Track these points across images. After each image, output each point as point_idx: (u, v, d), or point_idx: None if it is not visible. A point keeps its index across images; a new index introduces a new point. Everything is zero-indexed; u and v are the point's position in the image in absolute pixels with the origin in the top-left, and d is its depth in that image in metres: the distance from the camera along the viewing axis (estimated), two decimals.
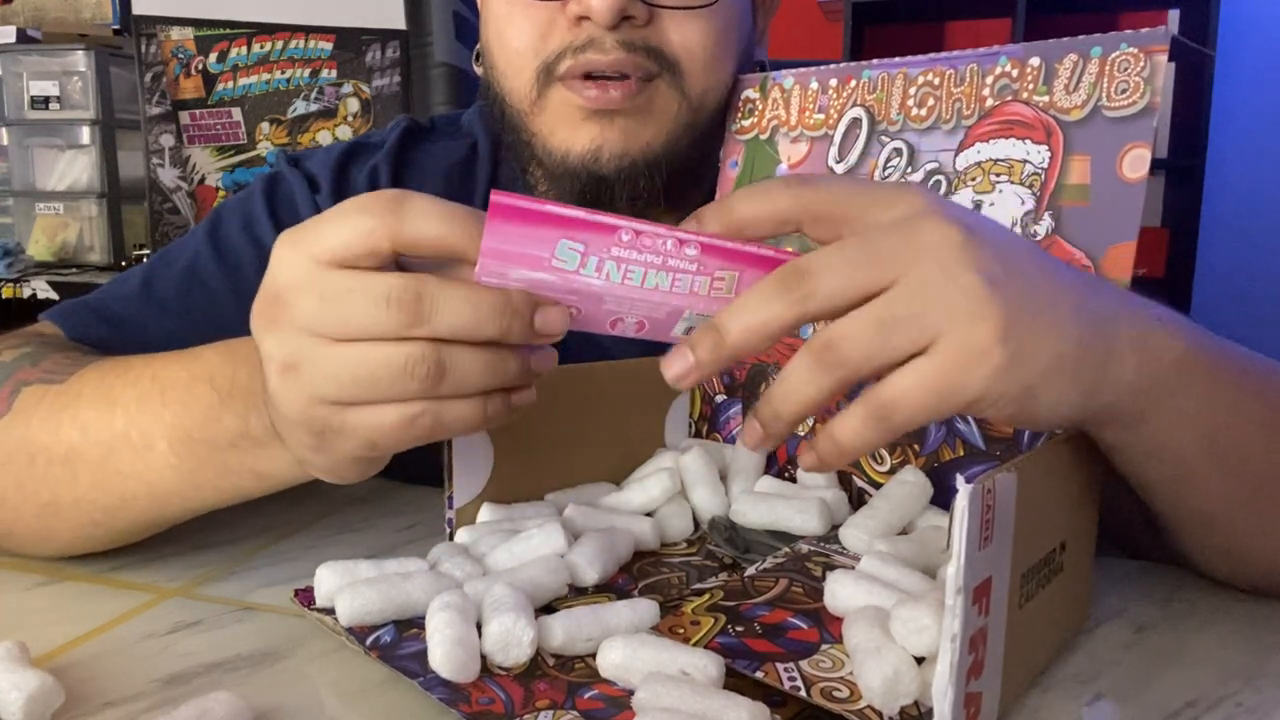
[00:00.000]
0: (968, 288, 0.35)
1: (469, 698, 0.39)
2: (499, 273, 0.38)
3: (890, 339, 0.35)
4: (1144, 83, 0.47)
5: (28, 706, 0.38)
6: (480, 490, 0.54)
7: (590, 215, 0.37)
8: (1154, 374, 0.40)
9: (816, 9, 2.68)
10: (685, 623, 0.43)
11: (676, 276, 0.38)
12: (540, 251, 0.37)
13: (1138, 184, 0.47)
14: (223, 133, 1.72)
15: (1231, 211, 2.49)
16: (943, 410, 0.36)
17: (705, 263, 0.38)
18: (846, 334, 0.35)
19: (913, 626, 0.38)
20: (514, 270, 0.38)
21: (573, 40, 0.62)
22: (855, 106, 0.59)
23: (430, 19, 1.66)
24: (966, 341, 0.35)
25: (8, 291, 1.89)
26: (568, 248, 0.37)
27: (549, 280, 0.38)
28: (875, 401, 0.36)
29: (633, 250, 0.37)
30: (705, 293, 0.39)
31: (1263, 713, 0.41)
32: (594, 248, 0.37)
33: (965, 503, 0.32)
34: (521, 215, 0.36)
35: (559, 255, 0.37)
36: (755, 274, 0.39)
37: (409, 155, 0.76)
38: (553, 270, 0.38)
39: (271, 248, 0.39)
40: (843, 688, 0.38)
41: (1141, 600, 0.51)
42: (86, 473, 0.50)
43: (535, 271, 0.38)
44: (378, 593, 0.44)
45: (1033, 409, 0.37)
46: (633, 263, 0.38)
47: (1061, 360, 0.37)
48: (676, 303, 0.39)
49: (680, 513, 0.56)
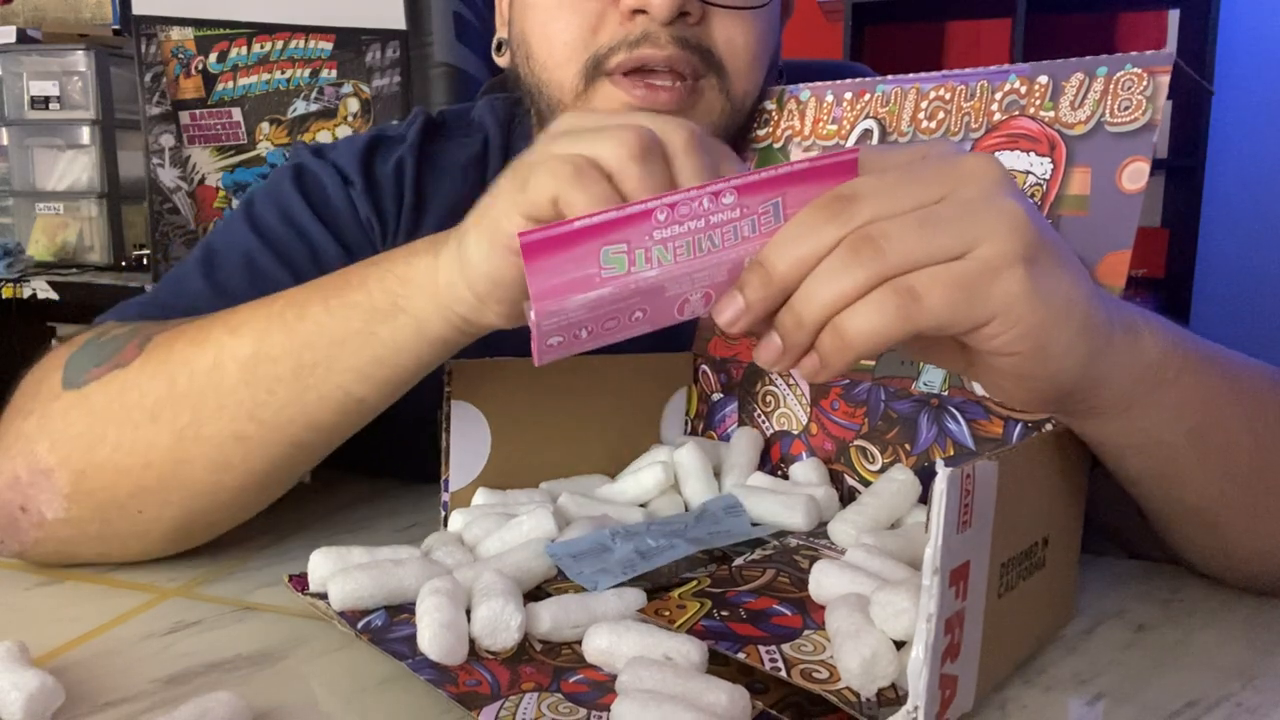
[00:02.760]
0: (1007, 209, 0.36)
1: (456, 679, 0.39)
2: (557, 310, 0.37)
3: (931, 237, 0.35)
4: (1146, 101, 0.49)
5: (28, 706, 0.38)
6: (475, 476, 0.55)
7: (619, 211, 0.36)
8: (1141, 366, 0.41)
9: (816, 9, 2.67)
10: (671, 606, 0.44)
11: (724, 231, 0.37)
12: (588, 270, 0.36)
13: (1136, 195, 0.48)
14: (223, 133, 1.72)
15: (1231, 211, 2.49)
16: (962, 315, 0.35)
17: (746, 204, 0.37)
18: (887, 229, 0.35)
19: (891, 610, 0.39)
20: (571, 300, 0.36)
21: (626, 35, 0.61)
22: (868, 118, 0.60)
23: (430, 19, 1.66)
24: (1001, 250, 0.35)
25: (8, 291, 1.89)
26: (611, 254, 0.36)
27: (608, 294, 0.37)
28: (902, 284, 0.35)
29: (673, 225, 0.36)
30: (754, 233, 0.37)
31: (1263, 713, 0.41)
32: (636, 241, 0.36)
33: (944, 485, 0.33)
34: (554, 244, 0.35)
35: (606, 264, 0.36)
36: (799, 190, 0.37)
37: (429, 150, 0.76)
38: (607, 282, 0.36)
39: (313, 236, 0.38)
40: (822, 669, 0.39)
41: (1141, 600, 0.51)
42: (235, 368, 0.51)
43: (591, 291, 0.36)
44: (370, 578, 0.45)
45: (1043, 351, 0.37)
46: (678, 238, 0.37)
47: (1073, 306, 0.37)
48: (733, 256, 0.37)
49: (673, 505, 0.57)
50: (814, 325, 0.36)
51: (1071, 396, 0.40)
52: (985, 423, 0.53)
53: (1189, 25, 2.39)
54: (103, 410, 0.52)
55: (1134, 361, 0.41)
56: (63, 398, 0.53)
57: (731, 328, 0.37)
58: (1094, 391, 0.40)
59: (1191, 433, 0.44)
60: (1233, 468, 0.46)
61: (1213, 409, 0.44)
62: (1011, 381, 0.39)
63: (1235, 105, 2.46)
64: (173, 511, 0.53)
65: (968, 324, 0.36)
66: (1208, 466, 0.45)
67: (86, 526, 0.53)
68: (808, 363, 0.37)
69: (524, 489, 0.56)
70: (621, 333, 0.39)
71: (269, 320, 0.51)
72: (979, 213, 0.36)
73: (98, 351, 0.54)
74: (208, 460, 0.51)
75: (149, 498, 0.52)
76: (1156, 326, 0.42)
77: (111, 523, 0.52)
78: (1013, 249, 0.35)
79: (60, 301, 1.89)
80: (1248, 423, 0.46)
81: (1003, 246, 0.35)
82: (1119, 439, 0.44)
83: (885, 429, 0.57)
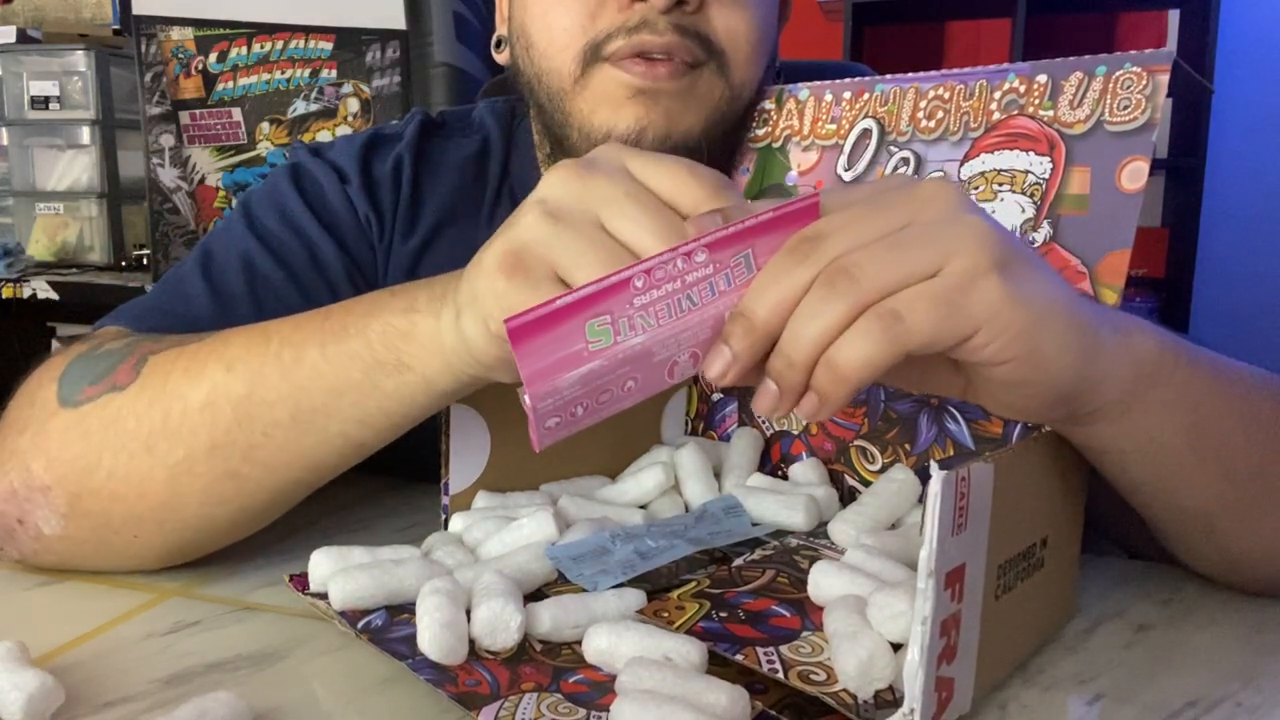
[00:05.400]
0: (973, 224, 0.37)
1: (456, 679, 0.39)
2: (551, 391, 0.37)
3: (902, 260, 0.36)
4: (1145, 100, 0.49)
5: (28, 706, 0.38)
6: (476, 479, 0.55)
7: (597, 284, 0.36)
8: (1136, 364, 0.41)
9: (816, 9, 2.67)
10: (670, 607, 0.44)
11: (699, 289, 0.37)
12: (575, 346, 0.36)
13: (1135, 194, 0.48)
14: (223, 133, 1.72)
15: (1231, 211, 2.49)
16: (947, 329, 0.35)
17: (717, 259, 0.37)
18: (859, 259, 0.36)
19: (888, 612, 0.39)
20: (563, 378, 0.37)
21: (625, 21, 0.62)
22: (867, 118, 0.60)
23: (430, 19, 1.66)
24: (972, 261, 0.36)
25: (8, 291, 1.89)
26: (596, 326, 0.36)
27: (598, 367, 0.37)
28: (884, 308, 0.35)
29: (651, 291, 0.37)
30: (730, 286, 0.38)
31: (1263, 713, 0.41)
32: (619, 310, 0.37)
33: (938, 488, 0.33)
34: (540, 325, 0.36)
35: (591, 337, 0.37)
36: (767, 239, 0.38)
37: (426, 148, 0.76)
38: (595, 355, 0.37)
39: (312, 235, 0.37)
40: (820, 671, 0.39)
41: (1141, 600, 0.51)
42: (229, 408, 0.50)
43: (582, 367, 0.37)
44: (370, 578, 0.45)
45: (1036, 354, 0.37)
46: (657, 302, 0.37)
47: (1056, 306, 0.37)
48: (713, 312, 0.38)
49: (673, 506, 0.57)
50: (805, 364, 0.36)
51: (1074, 400, 0.40)
52: (985, 423, 0.53)
53: (1189, 25, 2.39)
54: (98, 435, 0.51)
55: (1130, 358, 0.41)
56: (58, 416, 0.52)
57: (722, 380, 0.38)
58: (1095, 392, 0.40)
59: (1189, 431, 0.44)
60: (1230, 468, 0.46)
61: (1208, 406, 0.44)
62: (1011, 392, 0.39)
63: (1235, 105, 2.46)
64: (166, 538, 0.53)
65: (954, 337, 0.36)
66: (1206, 468, 0.45)
67: (83, 545, 0.53)
68: (806, 403, 0.37)
69: (524, 491, 0.56)
70: (616, 405, 0.39)
71: (264, 361, 0.50)
72: (944, 231, 0.36)
73: (93, 366, 0.54)
74: (201, 495, 0.51)
75: (143, 525, 0.52)
76: (1146, 326, 0.43)
77: (107, 543, 0.53)
78: (983, 259, 0.36)
79: (60, 301, 1.89)
80: (1242, 421, 0.46)
81: (973, 258, 0.36)
82: (1120, 443, 0.44)
83: (885, 429, 0.57)
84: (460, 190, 0.75)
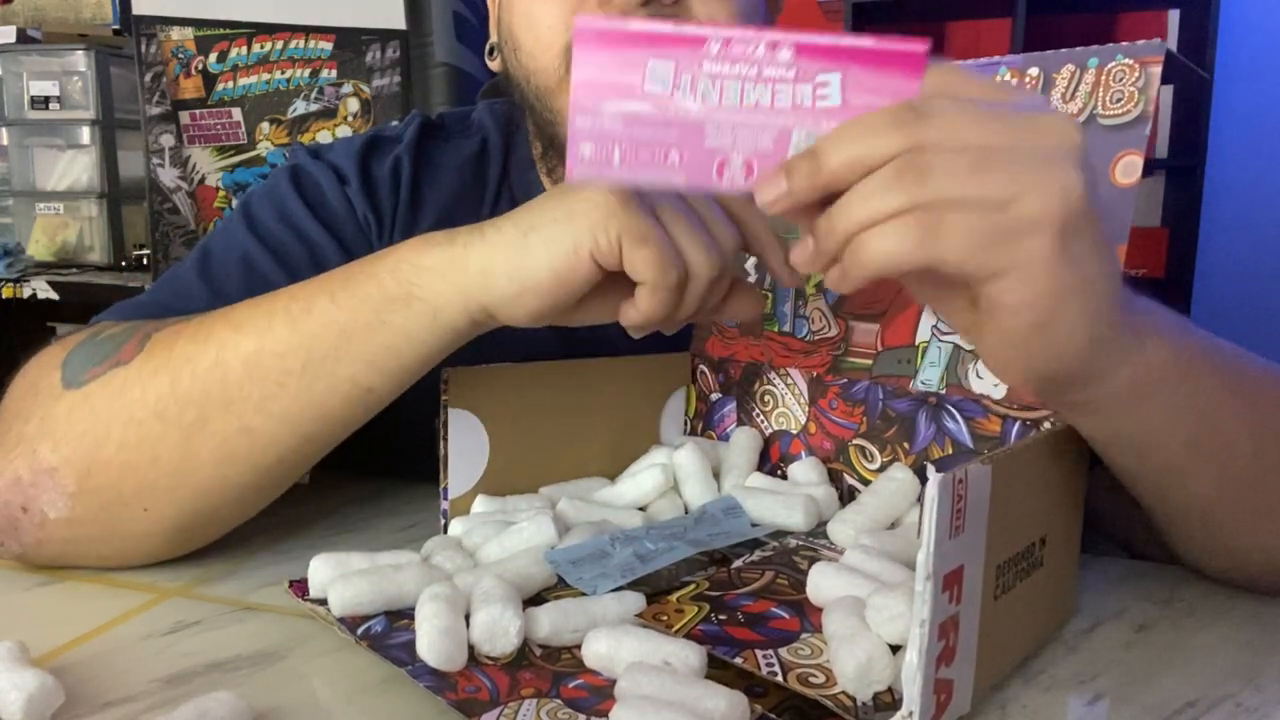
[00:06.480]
0: (1066, 176, 0.35)
1: (455, 686, 0.39)
2: (591, 109, 0.36)
3: (980, 182, 0.35)
4: (1138, 93, 0.48)
5: (28, 706, 0.38)
6: (475, 483, 0.55)
7: (676, 29, 0.36)
8: (1141, 371, 0.41)
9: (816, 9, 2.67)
10: (670, 610, 0.44)
11: (776, 88, 0.36)
12: (631, 78, 0.36)
13: (1130, 189, 0.48)
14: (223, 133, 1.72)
15: (1232, 211, 2.49)
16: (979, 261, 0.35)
17: (803, 67, 0.36)
18: (940, 161, 0.35)
19: (887, 614, 0.39)
20: (607, 103, 0.36)
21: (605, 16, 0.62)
22: None
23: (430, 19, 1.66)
24: (1043, 209, 0.35)
25: (8, 291, 1.89)
26: (658, 68, 0.36)
27: (645, 111, 0.36)
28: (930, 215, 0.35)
29: (724, 62, 0.36)
30: (809, 104, 0.36)
31: (1263, 713, 0.41)
32: (684, 64, 0.36)
33: (935, 491, 0.33)
34: (607, 39, 0.36)
35: (650, 77, 0.36)
36: (861, 73, 0.36)
37: (425, 149, 0.76)
38: (646, 97, 0.36)
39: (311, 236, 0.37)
40: (819, 674, 0.39)
41: (1141, 600, 0.51)
42: (239, 364, 0.51)
43: (629, 101, 0.36)
44: (369, 584, 0.45)
45: (1053, 324, 0.36)
46: (727, 77, 0.36)
47: (1090, 288, 0.37)
48: (781, 122, 0.37)
49: (672, 507, 0.57)
50: (844, 238, 0.36)
51: (1068, 385, 0.40)
52: (983, 421, 0.53)
53: (1189, 25, 2.38)
54: (105, 408, 0.52)
55: (1133, 368, 0.40)
56: (64, 398, 0.53)
57: (770, 207, 0.37)
58: (1090, 386, 0.40)
59: (1190, 439, 0.44)
60: (1231, 470, 0.46)
61: (1213, 418, 0.44)
62: (1010, 349, 0.38)
63: (1235, 105, 2.46)
64: (177, 509, 0.53)
65: (983, 271, 0.35)
66: (1205, 469, 0.45)
67: (89, 526, 0.52)
68: (833, 271, 0.37)
69: (523, 495, 0.56)
70: (654, 172, 0.38)
71: (271, 316, 0.52)
72: (1035, 169, 0.35)
73: (96, 350, 0.54)
74: (214, 454, 0.52)
75: (154, 494, 0.52)
76: (1165, 338, 0.42)
77: (115, 522, 0.52)
78: (1054, 212, 0.35)
79: (60, 301, 1.89)
80: (1249, 428, 0.45)
81: (1045, 207, 0.35)
82: (1116, 439, 0.44)
83: (884, 428, 0.57)
84: (459, 191, 0.75)
